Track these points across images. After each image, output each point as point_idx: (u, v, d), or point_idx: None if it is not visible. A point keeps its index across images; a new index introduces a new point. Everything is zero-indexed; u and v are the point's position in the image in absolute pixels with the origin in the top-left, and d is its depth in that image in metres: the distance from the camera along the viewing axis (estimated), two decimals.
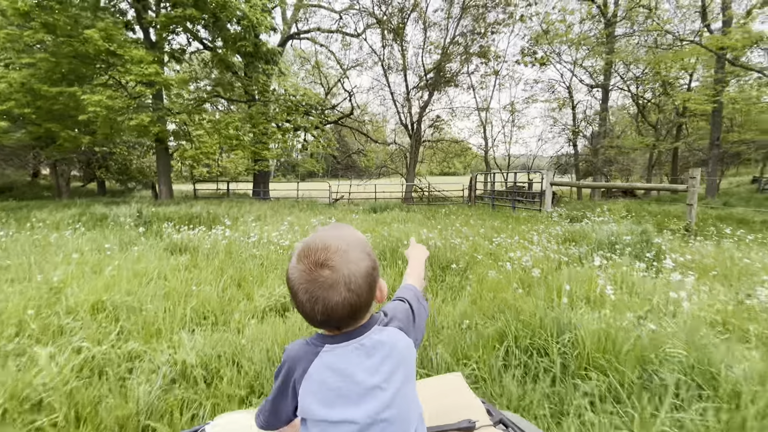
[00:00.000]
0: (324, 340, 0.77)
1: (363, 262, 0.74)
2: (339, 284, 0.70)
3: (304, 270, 0.71)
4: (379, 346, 0.77)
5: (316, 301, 0.71)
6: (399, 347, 0.80)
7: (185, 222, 7.42)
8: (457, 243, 5.46)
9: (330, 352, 0.75)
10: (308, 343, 0.78)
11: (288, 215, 8.89)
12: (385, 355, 0.77)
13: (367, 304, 0.76)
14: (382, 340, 0.78)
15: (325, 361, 0.75)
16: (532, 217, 9.35)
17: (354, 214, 9.13)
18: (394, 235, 6.12)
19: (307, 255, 0.72)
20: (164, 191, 12.84)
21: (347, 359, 0.75)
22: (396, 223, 7.63)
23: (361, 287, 0.73)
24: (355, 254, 0.74)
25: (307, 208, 10.95)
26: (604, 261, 4.43)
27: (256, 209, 9.87)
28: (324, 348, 0.76)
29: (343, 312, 0.72)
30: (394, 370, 0.77)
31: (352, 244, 0.76)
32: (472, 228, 7.02)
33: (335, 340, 0.77)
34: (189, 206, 9.60)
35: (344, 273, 0.71)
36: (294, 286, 0.73)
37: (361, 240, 0.80)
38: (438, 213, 10.54)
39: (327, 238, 0.75)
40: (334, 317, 0.73)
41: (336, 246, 0.73)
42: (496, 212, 11.75)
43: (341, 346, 0.76)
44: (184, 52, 11.41)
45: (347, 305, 0.72)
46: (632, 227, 5.84)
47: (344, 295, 0.71)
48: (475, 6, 19.18)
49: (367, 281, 0.74)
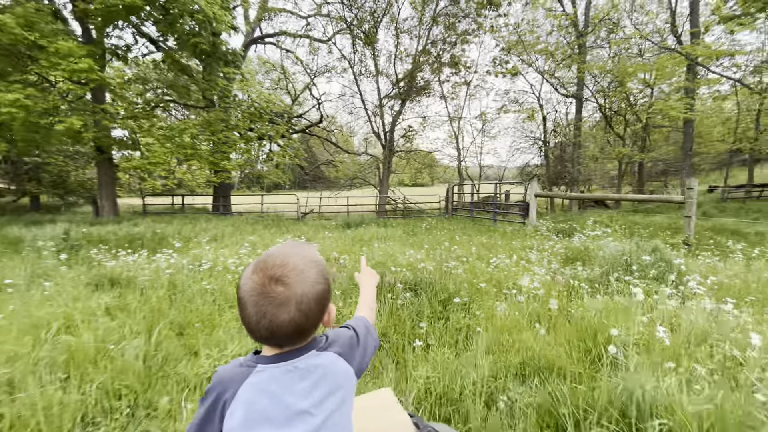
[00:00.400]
0: (258, 360, 0.76)
1: (318, 285, 0.76)
2: (290, 303, 0.71)
3: (258, 283, 0.72)
4: (314, 370, 0.76)
5: (264, 316, 0.71)
6: (335, 372, 0.79)
7: (124, 245, 6.26)
8: (451, 266, 4.73)
9: (262, 373, 0.74)
10: (241, 364, 0.76)
11: (250, 234, 7.87)
12: (318, 379, 0.75)
13: (314, 326, 0.77)
14: (318, 364, 0.77)
15: (255, 381, 0.73)
16: (518, 231, 8.86)
17: (327, 231, 8.24)
18: (376, 258, 5.32)
19: (263, 268, 0.73)
20: (107, 207, 11.37)
21: (278, 381, 0.73)
22: (376, 242, 6.83)
23: (312, 309, 0.74)
24: (311, 275, 0.75)
25: (273, 225, 9.92)
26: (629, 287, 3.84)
27: (213, 227, 8.75)
28: (256, 368, 0.74)
29: (288, 331, 0.72)
30: (327, 396, 0.75)
31: (311, 265, 0.77)
32: (461, 246, 6.34)
33: (269, 360, 0.76)
34: (132, 225, 8.35)
35: (297, 292, 0.72)
36: (244, 297, 0.72)
37: (319, 262, 0.80)
38: (418, 227, 9.86)
39: (287, 254, 0.76)
40: (278, 335, 0.73)
41: (294, 264, 0.74)
42: (477, 225, 11.24)
43: (274, 367, 0.75)
44: (130, 50, 10.19)
45: (294, 325, 0.72)
46: (638, 244, 5.38)
47: (293, 314, 0.71)
48: (446, 15, 19.15)
49: (319, 304, 0.76)
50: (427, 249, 6.11)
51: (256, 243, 6.50)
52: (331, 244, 6.47)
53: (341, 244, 6.67)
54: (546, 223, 9.53)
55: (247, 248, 5.99)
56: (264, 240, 6.88)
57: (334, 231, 8.78)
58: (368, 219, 10.67)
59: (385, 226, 9.77)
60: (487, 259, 5.54)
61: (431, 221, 11.25)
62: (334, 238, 7.24)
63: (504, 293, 4.05)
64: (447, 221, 12.39)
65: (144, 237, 6.65)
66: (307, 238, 7.26)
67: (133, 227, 7.80)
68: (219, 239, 7.21)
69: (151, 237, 6.69)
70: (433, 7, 18.71)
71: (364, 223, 10.04)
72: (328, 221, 12.24)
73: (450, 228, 9.85)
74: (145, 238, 6.61)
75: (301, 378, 0.74)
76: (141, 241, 6.50)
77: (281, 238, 6.83)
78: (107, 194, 11.39)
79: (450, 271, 4.57)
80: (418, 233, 8.84)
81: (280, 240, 6.43)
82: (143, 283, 4.34)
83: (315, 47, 18.43)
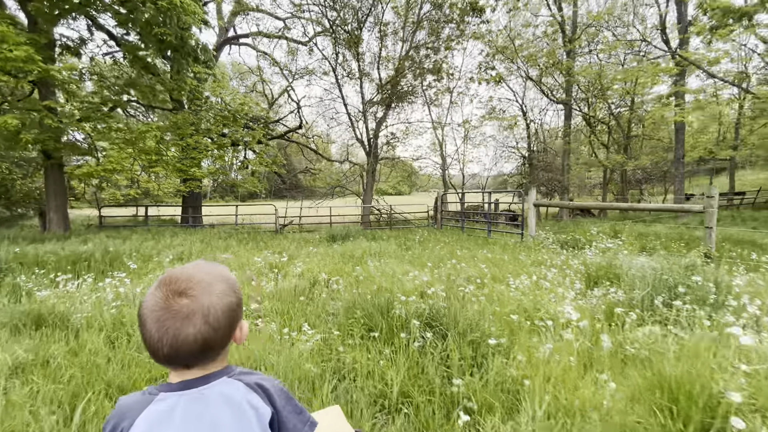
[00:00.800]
0: (161, 388, 0.70)
1: (227, 297, 0.72)
2: (196, 315, 0.66)
3: (161, 297, 0.67)
4: (221, 401, 0.69)
5: (166, 332, 0.65)
6: (246, 407, 0.70)
7: (65, 268, 5.22)
8: (467, 291, 4.01)
9: (163, 402, 0.67)
10: (144, 393, 0.70)
11: (223, 250, 6.92)
12: (224, 412, 0.68)
13: (222, 342, 0.71)
14: (228, 394, 0.70)
15: (155, 410, 0.67)
16: (520, 244, 8.26)
17: (311, 246, 7.38)
18: (376, 279, 4.54)
19: (167, 283, 0.69)
20: (55, 220, 10.09)
21: (179, 411, 0.67)
22: (369, 259, 6.05)
23: (220, 321, 0.69)
24: (219, 287, 0.72)
25: (249, 239, 8.96)
26: (684, 314, 3.24)
27: (179, 243, 7.74)
28: (158, 396, 0.68)
29: (194, 347, 0.66)
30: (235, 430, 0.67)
31: (218, 278, 0.73)
32: (466, 263, 5.64)
33: (174, 387, 0.69)
34: (82, 241, 7.23)
35: (204, 303, 0.68)
36: (144, 314, 0.67)
37: (229, 278, 0.76)
38: (410, 240, 9.14)
39: (194, 271, 0.72)
40: (183, 352, 0.66)
41: (200, 278, 0.71)
42: (472, 237, 10.63)
43: (178, 395, 0.68)
44: (85, 44, 9.10)
45: (201, 339, 0.66)
46: (669, 259, 4.84)
47: (200, 327, 0.66)
48: (428, 20, 18.83)
49: (227, 316, 0.71)
50: (430, 267, 5.38)
51: (230, 263, 5.59)
52: (318, 263, 5.64)
53: (330, 262, 5.85)
54: (547, 235, 9.00)
55: None
56: (239, 258, 5.98)
57: (319, 245, 7.93)
58: (354, 231, 9.86)
59: (374, 239, 8.99)
60: (501, 279, 4.86)
61: (423, 233, 10.56)
62: (320, 255, 6.40)
63: (536, 324, 3.37)
64: (439, 233, 11.73)
65: (92, 257, 5.61)
66: (289, 255, 6.39)
67: (81, 244, 6.70)
68: (186, 258, 6.24)
69: (101, 257, 5.66)
70: (417, 12, 18.38)
71: (351, 235, 9.23)
72: (309, 233, 11.34)
73: (444, 240, 9.18)
74: (93, 258, 5.58)
75: (206, 406, 0.67)
76: (88, 263, 5.48)
77: (259, 257, 5.93)
78: (56, 205, 10.11)
79: (468, 297, 3.85)
80: (411, 247, 8.11)
81: (258, 258, 5.55)
82: (79, 322, 3.41)
83: (293, 49, 17.63)
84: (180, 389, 0.69)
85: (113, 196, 15.31)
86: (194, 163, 11.31)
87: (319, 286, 4.67)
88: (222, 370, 0.74)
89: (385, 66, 18.19)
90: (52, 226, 10.03)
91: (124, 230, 10.66)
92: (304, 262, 5.68)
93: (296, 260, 5.99)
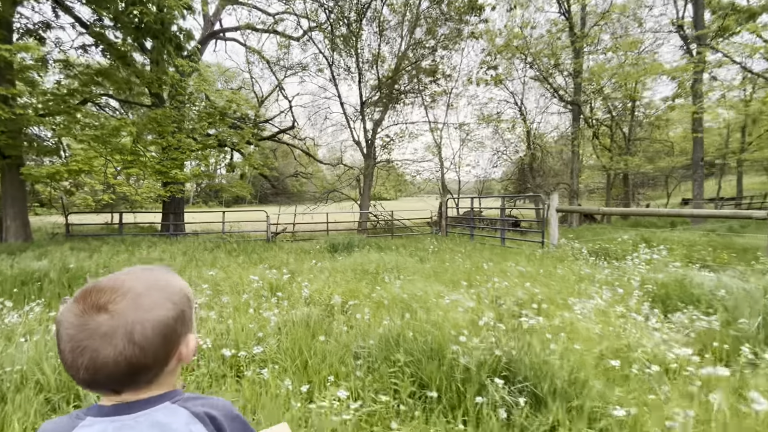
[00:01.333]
0: (89, 411, 0.62)
1: (160, 310, 0.61)
2: (116, 333, 0.56)
3: (77, 313, 0.58)
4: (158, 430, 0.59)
5: (81, 353, 0.56)
6: None
7: (11, 291, 4.19)
8: (532, 322, 3.16)
9: (89, 428, 0.59)
10: (71, 417, 0.62)
11: (210, 265, 5.94)
12: None
13: (157, 364, 0.61)
14: (165, 424, 0.60)
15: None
16: (547, 253, 7.48)
17: (313, 260, 6.45)
18: (407, 304, 3.69)
19: (86, 295, 0.59)
20: (13, 229, 8.92)
21: None
22: (386, 274, 5.17)
23: (150, 340, 0.58)
24: (151, 298, 0.61)
25: (240, 250, 7.96)
26: None
27: (158, 256, 6.72)
28: (84, 421, 0.59)
29: (116, 370, 0.56)
30: None
31: (154, 287, 0.63)
32: (500, 277, 4.80)
33: (104, 412, 0.60)
34: (38, 256, 6.15)
35: (128, 319, 0.57)
36: (59, 331, 0.58)
37: (168, 285, 0.65)
38: (421, 250, 8.28)
39: (124, 278, 0.62)
40: (101, 377, 0.57)
41: (128, 287, 0.60)
42: (485, 246, 9.84)
43: (108, 421, 0.59)
44: (49, 28, 8.05)
45: (124, 361, 0.56)
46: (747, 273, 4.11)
47: (121, 347, 0.56)
48: (426, 18, 18.24)
49: (161, 333, 0.60)
50: (465, 286, 4.52)
51: (219, 284, 4.64)
52: (327, 281, 4.74)
53: (341, 279, 4.95)
54: (570, 243, 8.26)
55: (207, 294, 4.12)
56: (230, 276, 5.03)
57: (321, 258, 7.01)
58: (357, 240, 8.96)
59: (381, 249, 8.11)
60: (555, 300, 4.03)
61: (433, 242, 9.72)
62: (327, 270, 5.48)
63: (634, 369, 2.57)
64: (448, 240, 10.92)
65: (47, 276, 4.59)
66: (290, 270, 5.45)
67: (36, 259, 5.64)
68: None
69: (57, 276, 4.64)
70: (414, 11, 17.77)
71: (355, 245, 8.32)
72: (306, 243, 10.38)
73: (459, 250, 8.36)
74: (47, 278, 4.55)
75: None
76: (40, 284, 4.45)
77: (254, 273, 4.99)
78: (15, 212, 8.95)
79: (535, 330, 3.00)
80: (425, 258, 7.26)
81: (254, 277, 4.60)
82: (10, 380, 2.45)
83: (285, 43, 16.71)
84: (111, 414, 0.59)
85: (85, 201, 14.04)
86: (176, 164, 10.26)
87: (336, 313, 3.77)
88: (164, 395, 0.64)
89: (382, 63, 17.45)
90: (9, 236, 8.85)
91: (95, 240, 9.52)
92: (310, 281, 4.76)
93: (299, 277, 5.07)
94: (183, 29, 8.33)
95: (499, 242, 10.50)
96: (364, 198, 16.24)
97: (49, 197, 13.99)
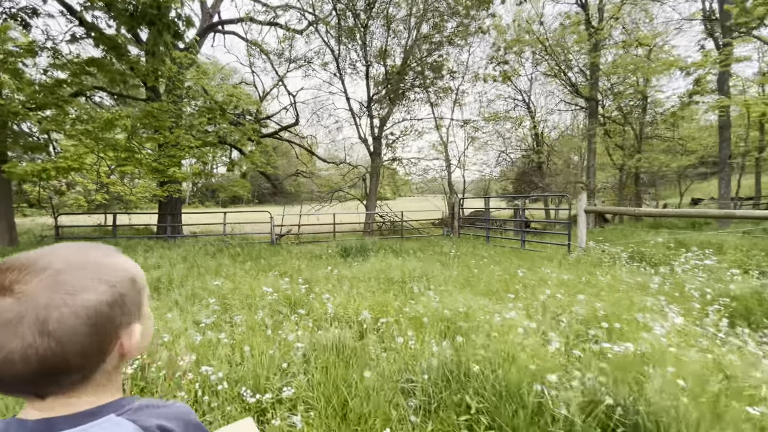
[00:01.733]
0: (7, 427, 0.49)
1: (88, 293, 0.47)
2: (24, 321, 0.44)
3: None
4: None
5: None
6: None
7: None
8: (616, 350, 2.61)
9: None
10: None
11: (214, 273, 5.37)
12: None
13: (85, 361, 0.47)
14: None
15: None
16: (583, 258, 6.94)
17: (328, 266, 5.88)
18: (449, 319, 3.14)
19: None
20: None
21: None
22: (414, 284, 4.61)
23: (72, 330, 0.45)
24: (76, 278, 0.47)
25: (245, 254, 7.38)
26: None
27: (154, 262, 6.13)
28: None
29: (26, 368, 0.44)
30: None
31: (82, 264, 0.49)
32: (541, 287, 4.24)
33: (27, 427, 0.47)
34: None
35: (39, 304, 0.44)
36: None
37: (103, 263, 0.51)
38: (439, 254, 7.73)
39: (42, 255, 0.49)
40: (7, 375, 0.44)
41: (45, 264, 0.47)
42: (505, 249, 9.30)
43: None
44: (36, 14, 7.47)
45: (35, 357, 0.44)
46: None
47: (30, 339, 0.44)
48: (433, 11, 17.73)
49: (89, 322, 0.46)
50: (513, 299, 3.97)
51: (227, 296, 4.08)
52: (349, 293, 4.18)
53: (365, 290, 4.39)
54: (601, 246, 7.72)
55: (215, 309, 3.56)
56: (239, 287, 4.46)
57: (335, 263, 6.44)
58: (371, 243, 8.39)
59: (397, 253, 7.54)
60: (620, 317, 3.48)
61: (450, 245, 9.17)
62: (348, 279, 4.92)
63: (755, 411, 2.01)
64: (463, 243, 10.37)
65: None
66: (306, 279, 4.89)
67: None
68: (162, 288, 4.67)
69: None
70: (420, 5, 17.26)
71: (369, 248, 7.76)
72: (313, 245, 9.80)
73: (481, 254, 7.81)
74: None
75: None
76: None
77: (266, 284, 4.42)
78: (1, 214, 8.33)
79: (632, 362, 2.44)
80: (446, 263, 6.70)
81: (267, 289, 4.03)
82: None
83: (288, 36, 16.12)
84: (36, 430, 0.47)
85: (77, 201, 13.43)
86: (173, 162, 9.66)
87: (366, 333, 3.21)
88: (107, 405, 0.51)
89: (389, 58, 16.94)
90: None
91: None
92: (330, 292, 4.20)
93: (316, 287, 4.51)
94: (182, 15, 7.76)
95: (518, 244, 9.95)
96: (370, 198, 15.67)
97: (38, 197, 13.38)
